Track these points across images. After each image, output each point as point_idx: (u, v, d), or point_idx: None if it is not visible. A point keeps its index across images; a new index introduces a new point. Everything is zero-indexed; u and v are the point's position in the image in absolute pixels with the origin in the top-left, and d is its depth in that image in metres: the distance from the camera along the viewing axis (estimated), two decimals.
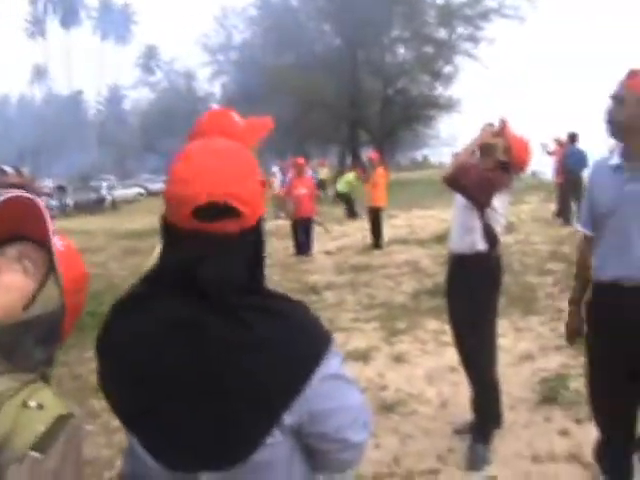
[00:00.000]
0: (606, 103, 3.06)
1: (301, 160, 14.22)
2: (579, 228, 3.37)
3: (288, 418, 1.37)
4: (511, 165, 4.05)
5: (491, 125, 4.12)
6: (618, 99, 2.98)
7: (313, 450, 1.52)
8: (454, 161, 4.09)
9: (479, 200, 4.00)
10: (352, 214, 19.41)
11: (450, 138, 43.85)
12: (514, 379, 5.29)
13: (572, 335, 3.39)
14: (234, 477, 1.40)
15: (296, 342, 1.39)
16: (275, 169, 23.45)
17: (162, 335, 1.39)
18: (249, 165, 1.43)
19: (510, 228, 10.27)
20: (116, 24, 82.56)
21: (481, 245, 4.05)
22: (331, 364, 1.43)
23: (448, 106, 44.65)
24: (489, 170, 4.01)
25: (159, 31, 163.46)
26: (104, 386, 1.52)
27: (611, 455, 3.32)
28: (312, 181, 14.92)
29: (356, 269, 11.26)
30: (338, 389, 1.48)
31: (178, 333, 1.37)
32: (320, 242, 14.39)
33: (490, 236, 4.09)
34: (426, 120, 44.79)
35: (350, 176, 20.52)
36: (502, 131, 4.04)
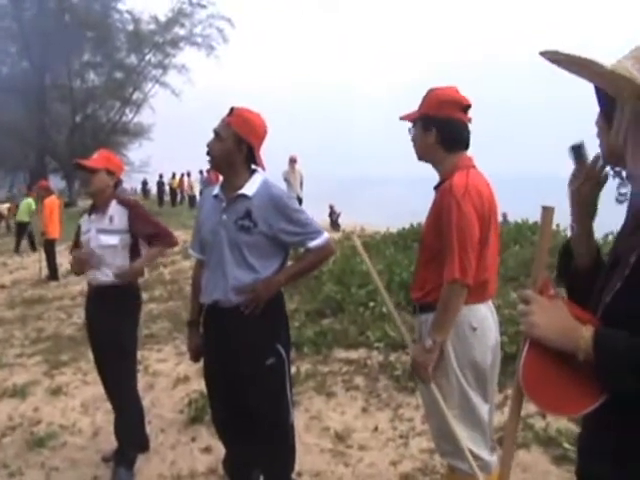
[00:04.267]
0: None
1: None
2: (191, 252, 3.57)
3: None
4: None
5: None
6: (217, 135, 3.17)
7: None
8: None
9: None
10: (33, 245, 18.09)
11: (142, 164, 43.67)
12: (167, 402, 5.50)
13: (193, 354, 3.56)
14: None
15: None
16: None
17: None
18: None
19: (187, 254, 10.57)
20: None
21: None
22: None
23: (137, 132, 44.65)
24: None
25: None
26: None
27: (230, 467, 3.60)
28: None
29: (29, 302, 10.89)
30: None
31: None
32: None
33: None
34: (116, 146, 43.96)
35: (29, 202, 18.25)
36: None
